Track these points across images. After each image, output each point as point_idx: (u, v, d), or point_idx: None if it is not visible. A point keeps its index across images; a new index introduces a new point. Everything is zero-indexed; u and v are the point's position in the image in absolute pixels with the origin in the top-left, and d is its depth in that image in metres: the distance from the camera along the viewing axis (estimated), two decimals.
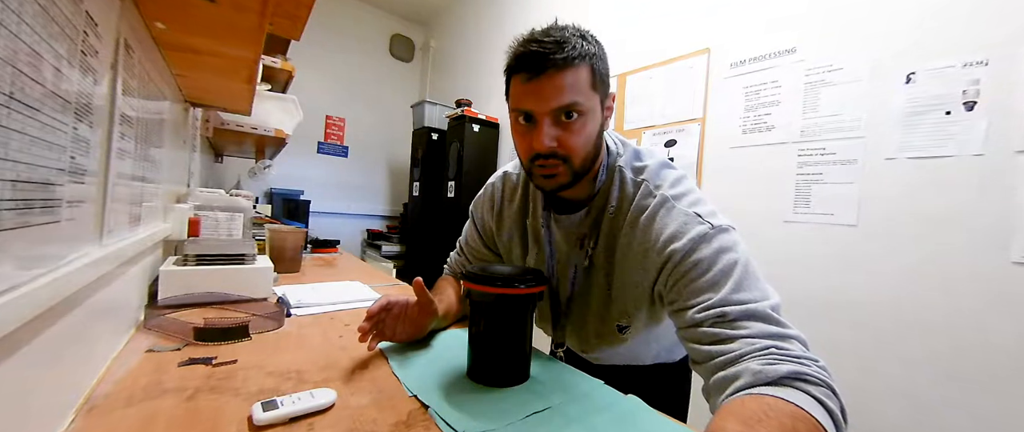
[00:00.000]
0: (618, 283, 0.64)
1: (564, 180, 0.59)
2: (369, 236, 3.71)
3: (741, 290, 0.50)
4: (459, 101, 2.94)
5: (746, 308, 0.48)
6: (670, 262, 0.54)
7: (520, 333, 0.57)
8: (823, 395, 0.42)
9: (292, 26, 0.78)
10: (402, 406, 0.49)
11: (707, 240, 0.53)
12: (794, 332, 0.48)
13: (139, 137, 0.71)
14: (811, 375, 0.43)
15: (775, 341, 0.46)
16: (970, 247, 1.04)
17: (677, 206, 0.57)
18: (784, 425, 0.37)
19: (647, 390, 0.58)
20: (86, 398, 0.46)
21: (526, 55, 0.54)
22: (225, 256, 0.89)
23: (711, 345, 0.49)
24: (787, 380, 0.42)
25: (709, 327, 0.49)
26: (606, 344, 0.70)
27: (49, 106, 0.36)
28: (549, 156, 0.57)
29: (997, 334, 1.00)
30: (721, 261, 0.52)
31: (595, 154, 0.61)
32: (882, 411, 1.15)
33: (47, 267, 0.37)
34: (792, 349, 0.46)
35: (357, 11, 3.66)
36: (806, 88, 1.36)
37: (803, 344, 0.47)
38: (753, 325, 0.47)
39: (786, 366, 0.43)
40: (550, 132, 0.56)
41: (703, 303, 0.50)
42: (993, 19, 1.03)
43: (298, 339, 0.69)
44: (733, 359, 0.46)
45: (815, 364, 0.45)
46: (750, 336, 0.47)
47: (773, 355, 0.45)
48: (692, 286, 0.52)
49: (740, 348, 0.46)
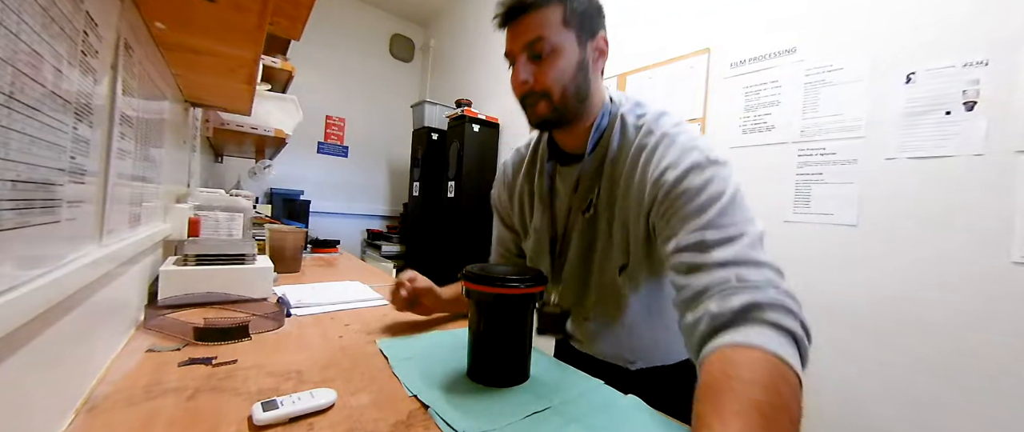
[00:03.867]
0: (619, 223, 0.64)
1: (545, 112, 0.62)
2: (369, 236, 3.71)
3: (724, 217, 0.51)
4: (459, 101, 2.94)
5: (725, 235, 0.50)
6: (662, 190, 0.56)
7: (520, 333, 0.57)
8: (779, 317, 0.44)
9: (292, 26, 0.78)
10: (402, 406, 0.49)
11: (700, 168, 0.55)
12: (766, 260, 0.49)
13: (139, 137, 0.71)
14: (765, 302, 0.44)
15: (740, 269, 0.47)
16: (970, 247, 1.04)
17: (677, 140, 0.59)
18: (751, 398, 0.37)
19: (647, 390, 0.58)
20: (86, 398, 0.46)
21: (503, 5, 0.61)
22: (225, 256, 0.89)
23: (683, 276, 0.51)
24: (742, 315, 0.44)
25: (686, 255, 0.51)
26: (605, 308, 0.69)
27: (49, 106, 0.36)
28: (529, 94, 0.62)
29: (997, 334, 1.00)
30: (709, 189, 0.53)
31: (580, 92, 0.63)
32: (882, 411, 1.16)
33: (47, 267, 0.37)
34: (751, 277, 0.47)
35: (357, 11, 3.66)
36: (806, 88, 1.36)
37: (775, 271, 0.49)
38: (725, 252, 0.49)
39: (740, 298, 0.45)
40: (524, 69, 0.61)
41: (687, 229, 0.52)
42: (993, 19, 1.03)
43: (298, 339, 0.69)
44: (695, 295, 0.48)
45: (773, 288, 0.46)
46: (719, 264, 0.48)
47: (731, 288, 0.46)
48: (680, 213, 0.54)
49: (703, 282, 0.48)
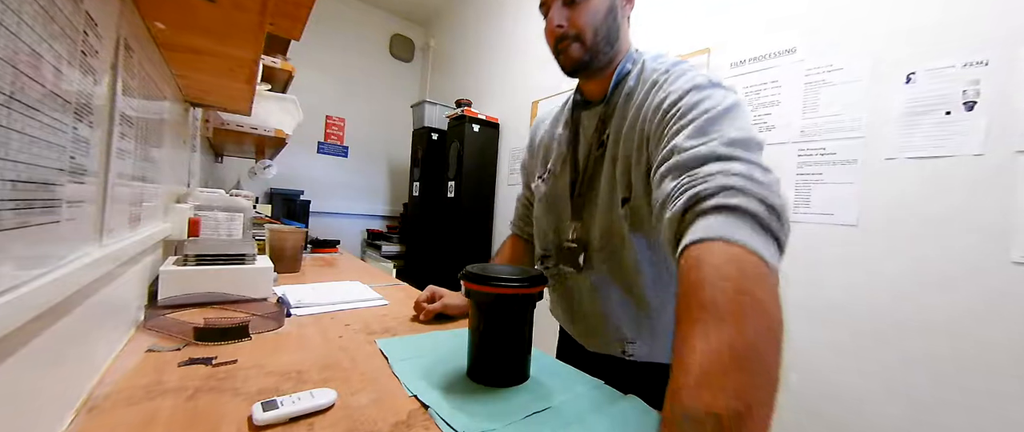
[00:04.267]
0: (622, 156, 0.64)
1: (578, 55, 0.64)
2: (369, 236, 3.71)
3: (710, 125, 0.49)
4: (459, 101, 2.94)
5: (701, 140, 0.47)
6: (660, 113, 0.57)
7: (520, 333, 0.57)
8: (726, 199, 0.40)
9: (292, 26, 0.77)
10: (402, 406, 0.49)
11: (699, 89, 0.54)
12: (739, 154, 0.45)
13: (139, 137, 0.71)
14: (707, 190, 0.42)
15: (702, 167, 0.45)
16: (970, 247, 1.04)
17: (687, 73, 0.59)
18: (704, 308, 0.34)
19: (647, 390, 0.58)
20: (86, 398, 0.46)
21: None
22: (225, 256, 0.89)
23: (657, 189, 0.50)
24: (690, 211, 0.42)
25: (662, 167, 0.50)
26: (611, 252, 0.68)
27: (49, 106, 0.36)
28: (563, 38, 0.64)
29: (997, 334, 1.00)
30: (703, 104, 0.52)
31: (610, 36, 0.65)
32: (882, 411, 1.15)
33: (47, 267, 0.37)
34: (705, 171, 0.44)
35: (357, 11, 3.66)
36: (806, 88, 1.36)
37: (747, 163, 0.44)
38: (693, 153, 0.46)
39: (684, 197, 0.43)
40: (559, 14, 0.64)
41: (667, 138, 0.52)
42: (993, 19, 1.03)
43: (298, 339, 0.69)
44: (661, 204, 0.48)
45: (723, 174, 0.42)
46: (682, 166, 0.46)
47: (683, 186, 0.45)
48: (669, 130, 0.53)
49: (666, 189, 0.47)
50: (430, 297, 0.85)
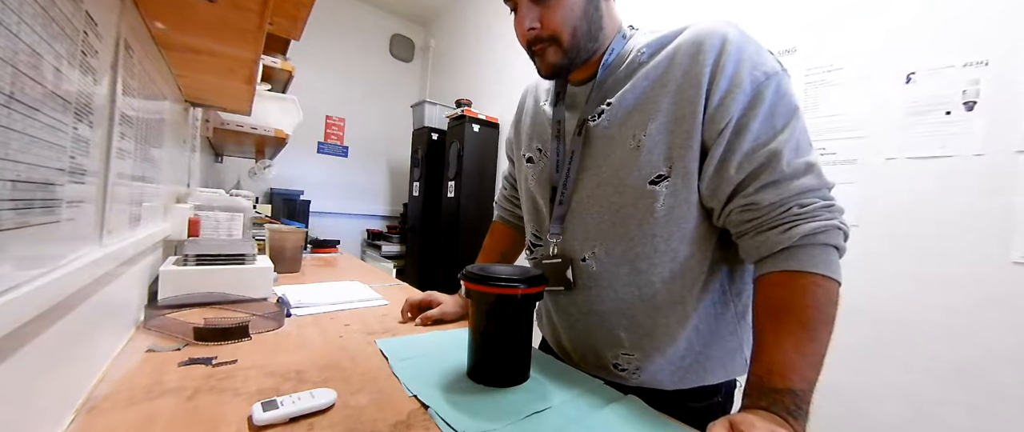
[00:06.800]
0: (653, 129, 0.55)
1: (555, 59, 0.58)
2: (369, 236, 3.71)
3: (799, 134, 0.52)
4: (459, 101, 2.95)
5: (805, 160, 0.51)
6: (739, 89, 0.51)
7: (520, 333, 0.57)
8: (830, 238, 0.49)
9: (292, 26, 0.78)
10: (402, 406, 0.49)
11: (775, 78, 0.52)
12: (825, 180, 0.52)
13: (139, 137, 0.71)
14: (815, 229, 0.48)
15: (802, 197, 0.50)
16: (970, 247, 1.04)
17: (749, 45, 0.54)
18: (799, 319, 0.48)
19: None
20: (86, 398, 0.46)
21: None
22: (225, 256, 0.89)
23: (748, 181, 0.52)
24: (801, 243, 0.49)
25: (760, 172, 0.51)
26: (623, 235, 0.58)
27: (49, 106, 0.36)
28: (536, 40, 0.58)
29: (997, 334, 1.00)
30: (785, 103, 0.53)
31: (592, 28, 0.58)
32: (882, 411, 1.16)
33: (47, 267, 0.37)
34: (810, 203, 0.49)
35: (357, 11, 3.66)
36: (806, 88, 1.36)
37: (823, 174, 0.52)
38: (802, 182, 0.50)
39: (796, 232, 0.48)
40: (529, 15, 0.57)
41: (755, 145, 0.51)
42: (993, 19, 1.03)
43: (298, 339, 0.69)
44: (760, 217, 0.51)
45: (827, 210, 0.49)
46: (787, 188, 0.50)
47: (793, 216, 0.49)
48: (752, 125, 0.51)
49: (770, 199, 0.50)
50: (427, 303, 0.82)
